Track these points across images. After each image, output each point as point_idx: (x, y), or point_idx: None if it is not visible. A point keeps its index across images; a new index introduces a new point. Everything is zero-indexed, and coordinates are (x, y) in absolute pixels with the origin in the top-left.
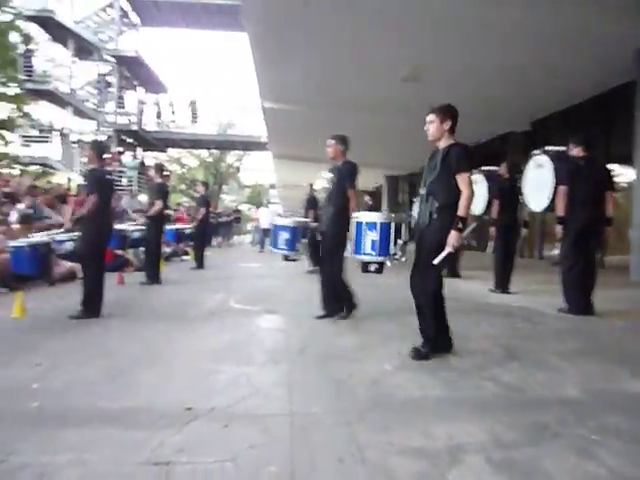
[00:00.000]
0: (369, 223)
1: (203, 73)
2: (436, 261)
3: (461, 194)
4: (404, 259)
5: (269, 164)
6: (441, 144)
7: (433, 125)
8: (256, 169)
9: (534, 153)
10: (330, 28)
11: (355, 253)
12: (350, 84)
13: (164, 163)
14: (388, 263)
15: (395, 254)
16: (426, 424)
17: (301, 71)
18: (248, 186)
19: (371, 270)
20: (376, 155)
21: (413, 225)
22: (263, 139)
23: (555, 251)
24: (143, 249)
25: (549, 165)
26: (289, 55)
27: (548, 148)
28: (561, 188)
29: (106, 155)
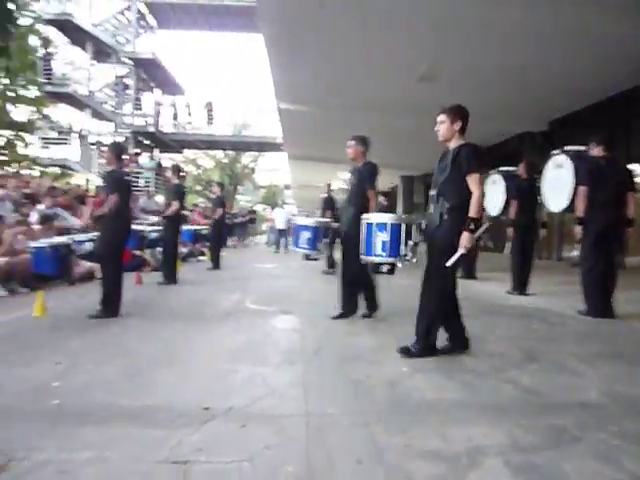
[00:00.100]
0: (379, 224)
1: (219, 74)
2: (449, 263)
3: (472, 195)
4: (415, 260)
5: (284, 165)
6: (451, 144)
7: (443, 125)
8: (271, 170)
9: (553, 153)
10: (344, 29)
11: (365, 254)
12: (365, 84)
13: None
14: (399, 264)
15: (406, 255)
16: (444, 426)
17: (316, 72)
18: (263, 187)
19: (383, 271)
20: (391, 155)
21: (424, 226)
22: (278, 140)
23: (574, 252)
24: (160, 249)
25: (569, 165)
26: (304, 56)
27: (568, 148)
28: (581, 188)
29: (124, 156)
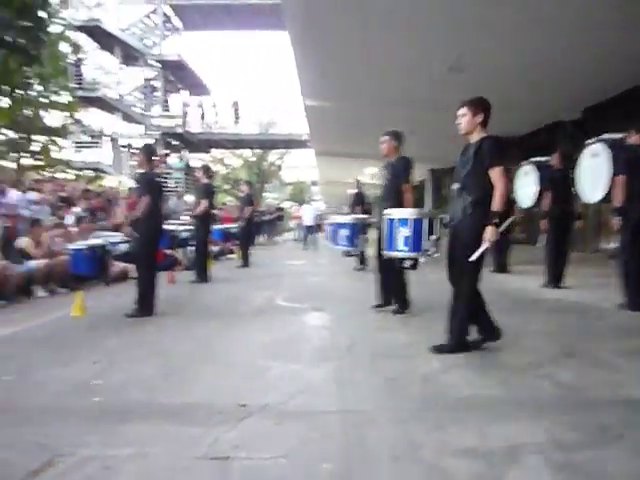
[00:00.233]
0: (401, 219)
1: (245, 73)
2: (473, 257)
3: (495, 188)
4: (437, 255)
5: (311, 161)
6: (473, 138)
7: (465, 119)
8: (298, 166)
9: (589, 142)
10: (371, 22)
11: (388, 250)
12: (392, 78)
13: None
14: (421, 259)
15: (428, 250)
16: (481, 424)
17: (342, 67)
18: (290, 183)
19: (406, 266)
20: (419, 148)
21: (446, 221)
22: (305, 137)
23: (612, 244)
24: (192, 248)
25: (605, 154)
26: (330, 52)
27: (604, 136)
28: (619, 178)
29: (155, 158)
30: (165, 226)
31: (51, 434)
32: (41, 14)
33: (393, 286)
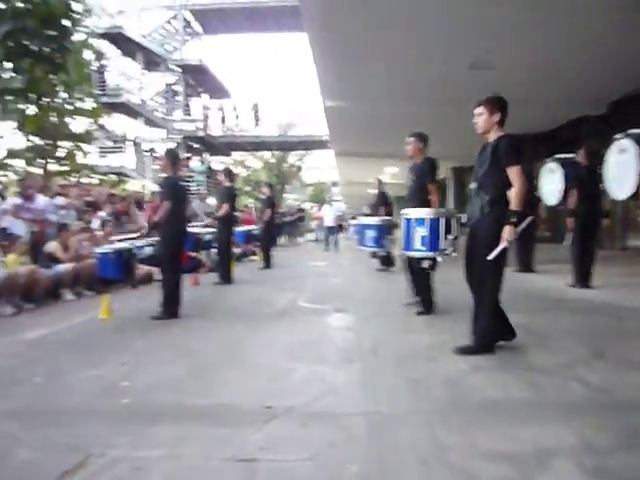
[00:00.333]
0: (418, 219)
1: (264, 76)
2: (491, 256)
3: (512, 187)
4: (454, 254)
5: (331, 162)
6: (491, 137)
7: (482, 118)
8: (318, 167)
9: (616, 137)
10: (390, 22)
11: (405, 249)
12: (412, 77)
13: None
14: (439, 258)
15: (445, 249)
16: (509, 426)
17: (361, 67)
18: (310, 184)
19: (424, 266)
20: (441, 147)
21: (464, 220)
22: (324, 137)
23: None
24: (215, 250)
25: (634, 149)
26: (349, 52)
27: (632, 131)
28: None
29: (178, 162)
30: (189, 229)
31: (81, 435)
32: (65, 23)
33: (419, 287)
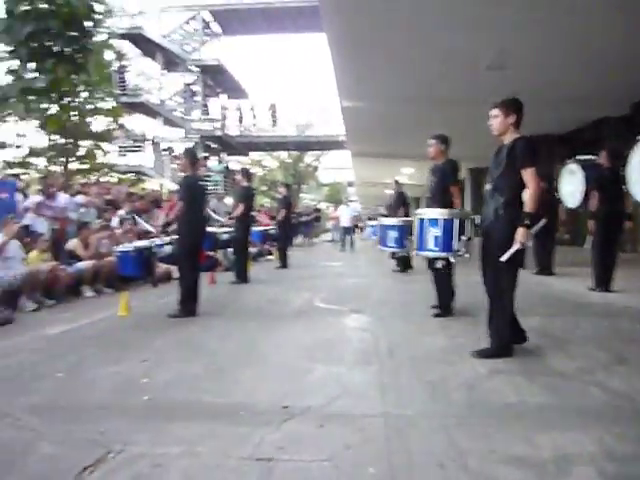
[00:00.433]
0: (432, 220)
1: (282, 76)
2: (504, 258)
3: (527, 189)
4: (467, 255)
5: (347, 162)
6: (506, 139)
7: (497, 120)
8: (334, 167)
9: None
10: (409, 23)
11: (418, 250)
12: (429, 78)
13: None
14: (452, 259)
15: (458, 250)
16: (529, 431)
17: (380, 68)
18: (326, 184)
19: (438, 266)
20: (458, 148)
21: (478, 221)
22: (341, 138)
23: None
24: (231, 250)
25: None
26: (368, 53)
27: None
28: None
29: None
30: (208, 228)
31: (102, 431)
32: (87, 24)
33: (439, 289)
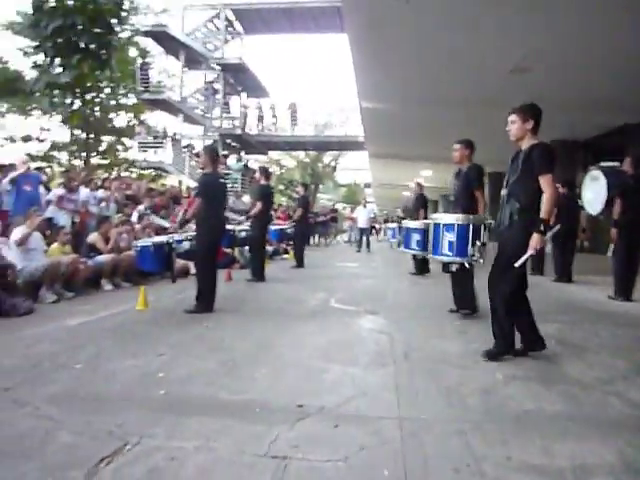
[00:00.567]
0: (447, 225)
1: (302, 76)
2: (517, 264)
3: (543, 196)
4: (482, 261)
5: (365, 163)
6: (524, 144)
7: (515, 125)
8: (352, 168)
9: None
10: (431, 25)
11: (433, 254)
12: (450, 80)
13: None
14: (466, 264)
15: (473, 255)
16: (546, 440)
17: (400, 70)
18: (344, 185)
19: (452, 270)
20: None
21: (493, 227)
22: (360, 138)
23: None
24: (248, 248)
25: None
26: (389, 54)
27: None
28: None
29: (218, 159)
30: (227, 225)
31: (119, 423)
32: (112, 21)
33: (461, 292)
